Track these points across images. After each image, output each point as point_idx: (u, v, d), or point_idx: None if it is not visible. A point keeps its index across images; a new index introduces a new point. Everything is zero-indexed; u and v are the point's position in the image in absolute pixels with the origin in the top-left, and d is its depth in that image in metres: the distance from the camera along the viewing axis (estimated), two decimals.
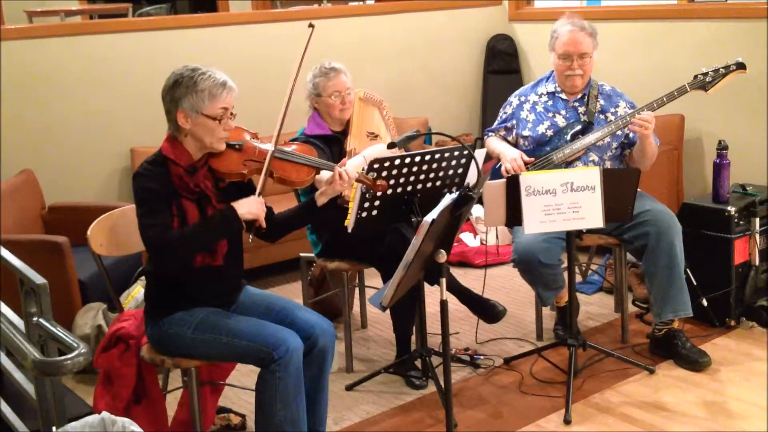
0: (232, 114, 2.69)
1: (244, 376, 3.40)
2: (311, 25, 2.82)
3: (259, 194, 2.70)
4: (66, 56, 4.53)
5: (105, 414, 2.09)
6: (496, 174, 3.65)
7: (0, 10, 6.89)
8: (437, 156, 3.07)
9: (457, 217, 2.62)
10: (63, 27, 5.12)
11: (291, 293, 4.41)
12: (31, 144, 4.45)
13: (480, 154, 3.25)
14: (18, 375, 2.41)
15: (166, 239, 2.55)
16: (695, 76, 3.55)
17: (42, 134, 4.49)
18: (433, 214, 2.38)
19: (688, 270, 3.57)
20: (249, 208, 2.66)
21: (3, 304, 2.40)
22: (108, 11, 7.01)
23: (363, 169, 2.93)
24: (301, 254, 3.83)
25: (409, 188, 3.08)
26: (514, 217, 3.19)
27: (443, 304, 2.60)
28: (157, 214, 2.57)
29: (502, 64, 5.89)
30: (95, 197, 4.62)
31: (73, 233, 3.61)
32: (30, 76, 4.43)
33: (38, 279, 2.19)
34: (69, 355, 1.94)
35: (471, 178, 3.15)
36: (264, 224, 2.71)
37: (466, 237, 5.01)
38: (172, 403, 3.16)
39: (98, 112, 4.63)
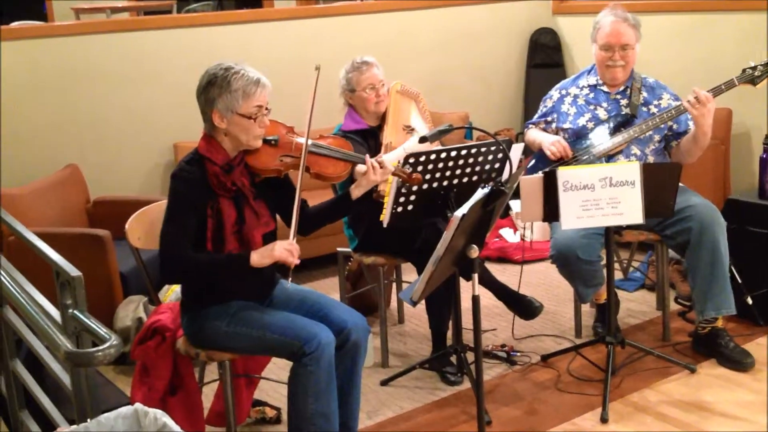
0: (267, 110, 2.70)
1: (281, 369, 3.41)
2: (317, 68, 2.80)
3: (293, 236, 2.63)
4: (111, 52, 4.61)
5: (138, 405, 2.11)
6: (533, 169, 3.61)
7: (50, 8, 7.05)
8: (473, 151, 3.05)
9: (489, 211, 2.59)
10: (108, 24, 5.21)
11: (328, 288, 4.42)
12: (77, 139, 4.54)
13: (517, 149, 3.22)
14: (55, 366, 2.45)
15: (179, 257, 2.59)
16: (743, 70, 3.46)
17: (87, 129, 4.57)
18: (464, 209, 2.36)
19: (732, 267, 3.48)
20: (265, 256, 2.61)
21: (41, 296, 2.44)
22: (153, 8, 7.11)
23: (399, 162, 2.92)
24: (338, 249, 3.84)
25: (445, 183, 3.06)
26: (551, 212, 3.15)
27: (475, 300, 2.58)
28: (178, 224, 2.61)
29: (544, 58, 5.82)
30: (139, 192, 4.69)
31: (117, 227, 3.64)
32: (76, 72, 4.52)
33: (73, 271, 2.21)
34: (100, 347, 1.97)
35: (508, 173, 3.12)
36: (297, 263, 2.62)
37: (506, 232, 4.97)
38: (209, 395, 3.19)
39: (142, 107, 4.70)
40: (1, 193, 3.81)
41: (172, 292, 3.75)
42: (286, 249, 2.60)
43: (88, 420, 2.18)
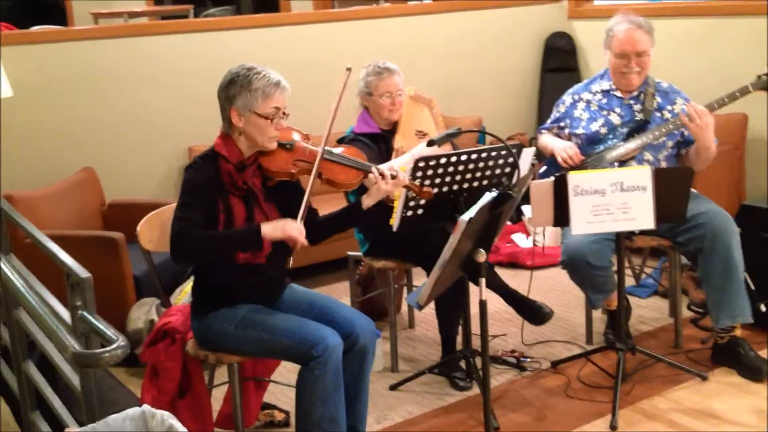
0: (284, 114, 2.72)
1: (290, 372, 3.42)
2: (349, 69, 2.83)
3: (301, 218, 2.67)
4: (128, 56, 4.65)
5: (146, 407, 2.13)
6: (546, 175, 3.60)
7: (70, 12, 7.12)
8: (483, 155, 3.05)
9: (496, 215, 2.59)
10: (125, 28, 5.25)
11: (339, 292, 4.42)
12: (93, 142, 4.58)
13: (528, 153, 3.22)
14: (66, 367, 2.48)
15: (188, 235, 2.59)
16: (758, 77, 3.43)
17: (104, 133, 4.61)
18: (471, 213, 2.36)
19: (745, 274, 3.46)
20: (277, 229, 2.64)
21: (53, 298, 2.47)
22: (170, 12, 7.16)
23: (409, 172, 2.91)
24: (349, 253, 3.84)
25: (455, 187, 3.06)
26: (561, 217, 3.14)
27: (482, 305, 2.58)
28: (189, 208, 2.62)
29: (559, 63, 5.81)
30: (154, 195, 4.72)
31: (131, 230, 3.68)
32: (94, 75, 4.56)
33: (83, 273, 2.23)
34: (107, 348, 1.99)
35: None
36: (305, 244, 2.66)
37: (518, 238, 4.96)
38: (218, 397, 3.21)
39: (159, 111, 4.74)
40: (16, 196, 3.85)
41: (184, 295, 3.77)
42: (297, 228, 2.63)
43: (97, 421, 2.20)
